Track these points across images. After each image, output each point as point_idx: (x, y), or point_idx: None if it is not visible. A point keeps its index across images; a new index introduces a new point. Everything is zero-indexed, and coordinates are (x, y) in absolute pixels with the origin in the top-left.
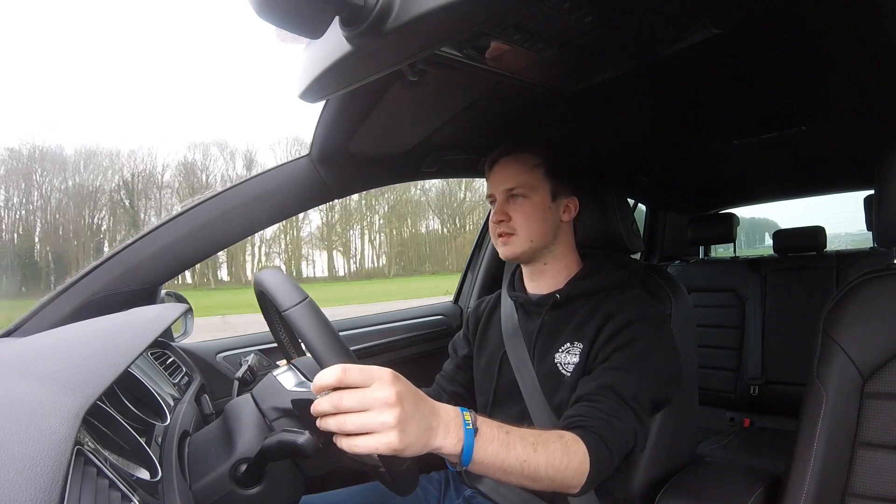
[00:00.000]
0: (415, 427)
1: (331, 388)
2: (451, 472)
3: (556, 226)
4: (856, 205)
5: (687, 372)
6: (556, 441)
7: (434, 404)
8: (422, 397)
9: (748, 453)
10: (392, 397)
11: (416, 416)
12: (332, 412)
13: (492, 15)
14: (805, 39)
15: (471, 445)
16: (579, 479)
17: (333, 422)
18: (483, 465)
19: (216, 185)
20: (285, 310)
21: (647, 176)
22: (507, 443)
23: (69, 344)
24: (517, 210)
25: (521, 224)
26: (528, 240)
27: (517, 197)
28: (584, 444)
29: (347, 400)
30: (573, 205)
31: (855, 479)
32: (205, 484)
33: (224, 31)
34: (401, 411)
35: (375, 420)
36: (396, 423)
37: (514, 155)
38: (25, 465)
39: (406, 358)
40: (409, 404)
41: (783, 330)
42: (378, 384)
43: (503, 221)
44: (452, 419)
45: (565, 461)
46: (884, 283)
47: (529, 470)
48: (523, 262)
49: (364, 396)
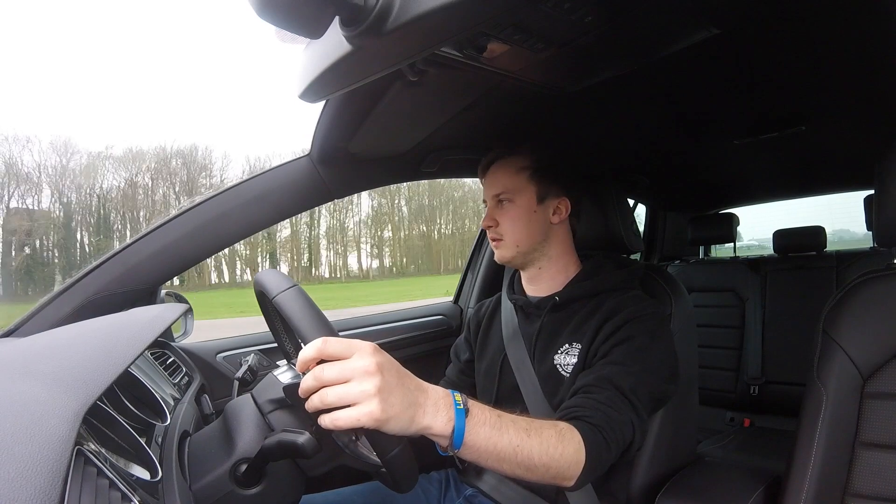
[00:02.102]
0: (398, 399)
1: (314, 363)
2: (451, 473)
3: (545, 228)
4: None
5: (687, 372)
6: (550, 428)
7: (421, 382)
8: (406, 373)
9: (748, 453)
10: (372, 366)
11: (400, 388)
12: (315, 385)
13: (492, 15)
14: (805, 39)
15: (462, 427)
16: (575, 469)
17: (317, 397)
18: (475, 448)
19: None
20: (274, 296)
21: (647, 176)
22: (500, 426)
23: (69, 344)
24: (503, 215)
25: (506, 229)
26: (515, 244)
27: (504, 202)
28: (579, 434)
29: (328, 371)
30: (564, 206)
31: (855, 478)
32: (205, 484)
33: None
34: (381, 380)
35: (356, 389)
36: (377, 391)
37: (503, 159)
38: (25, 465)
39: (406, 358)
40: (390, 375)
41: (783, 330)
42: (358, 354)
43: (491, 227)
44: (441, 398)
45: (559, 449)
46: (884, 283)
47: (523, 456)
48: (516, 266)
49: (344, 366)
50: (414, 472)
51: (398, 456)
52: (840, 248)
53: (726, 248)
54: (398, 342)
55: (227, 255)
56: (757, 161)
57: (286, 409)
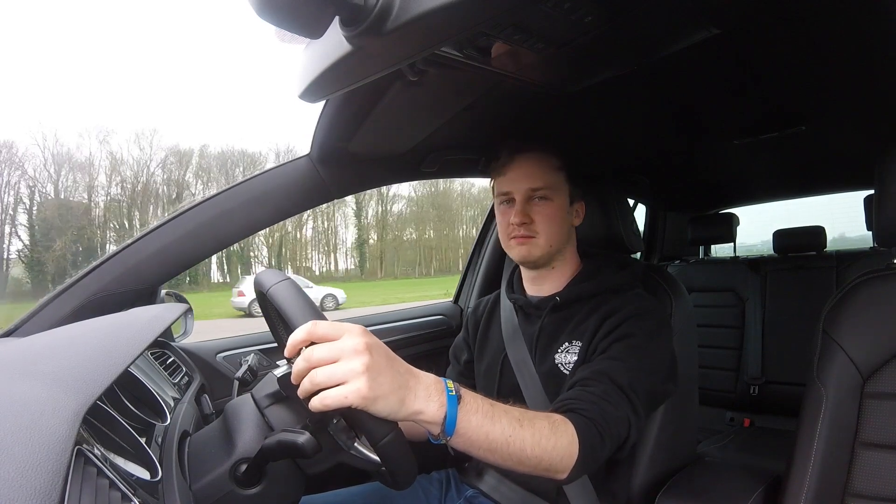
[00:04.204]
0: (387, 379)
1: (305, 346)
2: (452, 473)
3: (570, 229)
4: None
5: (687, 372)
6: (544, 420)
7: (412, 367)
8: (396, 357)
9: (748, 453)
10: (360, 345)
11: (389, 369)
12: (306, 367)
13: (492, 15)
14: (805, 39)
15: (454, 414)
16: (568, 462)
17: (307, 379)
18: (467, 437)
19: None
20: (267, 289)
21: (647, 176)
22: (493, 415)
23: (69, 344)
24: (540, 212)
25: (543, 227)
26: (549, 244)
27: (540, 199)
28: (573, 426)
29: (317, 351)
30: (582, 209)
31: (855, 478)
32: (205, 484)
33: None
34: (370, 359)
35: (344, 368)
36: (365, 369)
37: (535, 153)
38: (25, 465)
39: (406, 358)
40: (379, 356)
41: (783, 330)
42: (348, 335)
43: (525, 224)
44: (433, 384)
45: (552, 440)
46: (884, 283)
47: (515, 447)
48: (538, 265)
49: (333, 346)
50: (412, 468)
51: (392, 445)
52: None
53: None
54: (398, 342)
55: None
56: (757, 161)
57: (283, 402)
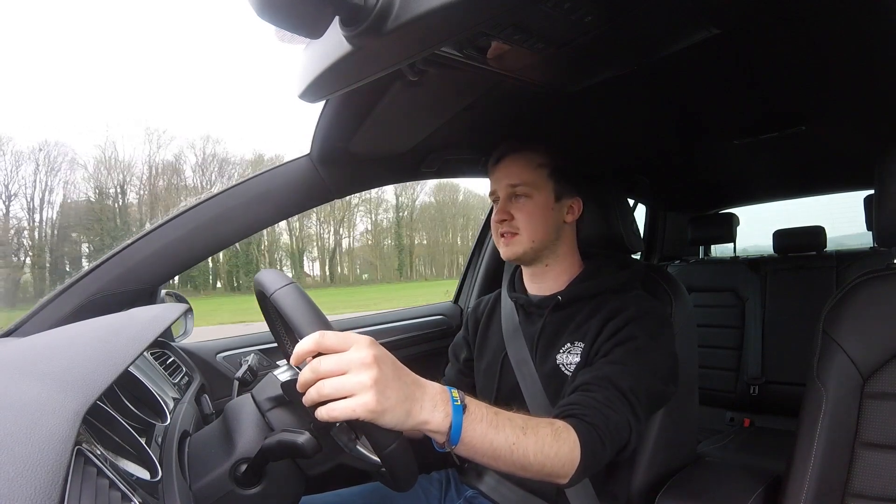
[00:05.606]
0: (394, 392)
1: (312, 356)
2: (452, 473)
3: (558, 227)
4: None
5: (687, 372)
6: (547, 427)
7: (418, 378)
8: (403, 368)
9: (748, 453)
10: (368, 358)
11: (396, 382)
12: (313, 378)
13: (492, 15)
14: (805, 39)
15: (459, 423)
16: (570, 468)
17: (314, 389)
18: (471, 446)
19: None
20: (271, 293)
21: (647, 176)
22: (497, 423)
23: (69, 344)
24: (520, 209)
25: (523, 224)
26: (531, 240)
27: (520, 196)
28: (575, 433)
29: (325, 363)
30: (577, 206)
31: (855, 478)
32: (205, 484)
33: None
34: (378, 372)
35: (352, 381)
36: (373, 383)
37: (519, 152)
38: (25, 464)
39: (406, 358)
40: (387, 368)
41: (783, 330)
42: (356, 347)
43: (505, 221)
44: (439, 394)
45: (555, 447)
46: (884, 283)
47: (518, 454)
48: (525, 263)
49: (341, 359)
50: (413, 470)
51: (396, 452)
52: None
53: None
54: (398, 342)
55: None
56: (757, 161)
57: (285, 406)
